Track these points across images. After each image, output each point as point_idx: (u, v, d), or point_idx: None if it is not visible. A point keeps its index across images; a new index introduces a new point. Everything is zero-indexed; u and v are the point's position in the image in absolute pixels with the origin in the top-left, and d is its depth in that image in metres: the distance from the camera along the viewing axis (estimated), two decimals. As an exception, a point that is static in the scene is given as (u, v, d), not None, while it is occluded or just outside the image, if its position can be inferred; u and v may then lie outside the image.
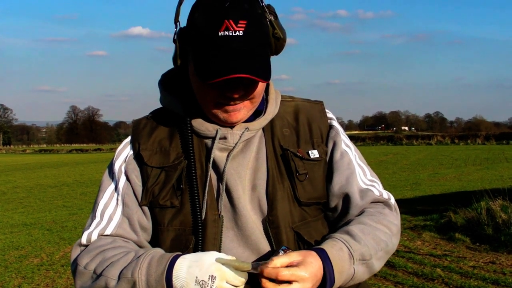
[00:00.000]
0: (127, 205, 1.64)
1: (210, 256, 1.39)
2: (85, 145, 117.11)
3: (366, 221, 1.61)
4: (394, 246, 1.66)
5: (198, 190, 1.60)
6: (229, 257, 1.40)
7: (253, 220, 1.61)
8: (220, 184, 1.62)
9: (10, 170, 34.49)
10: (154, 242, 1.66)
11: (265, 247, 1.61)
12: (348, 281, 1.51)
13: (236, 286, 1.37)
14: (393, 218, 1.69)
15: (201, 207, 1.59)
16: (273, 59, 1.65)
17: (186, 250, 1.55)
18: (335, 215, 1.72)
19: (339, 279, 1.47)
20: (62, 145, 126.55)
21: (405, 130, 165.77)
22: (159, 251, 1.50)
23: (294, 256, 1.44)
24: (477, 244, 8.59)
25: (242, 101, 1.60)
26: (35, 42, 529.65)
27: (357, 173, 1.72)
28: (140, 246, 1.65)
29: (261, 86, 1.62)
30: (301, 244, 1.62)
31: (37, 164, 40.45)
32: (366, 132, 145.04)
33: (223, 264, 1.38)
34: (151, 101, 1.74)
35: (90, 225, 1.65)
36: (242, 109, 1.61)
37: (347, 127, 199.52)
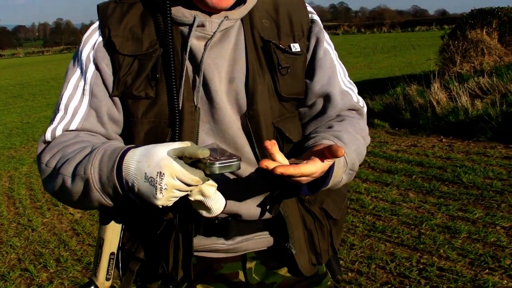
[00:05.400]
0: (95, 95, 1.52)
1: (161, 150, 1.26)
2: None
3: (350, 130, 1.56)
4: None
5: (175, 80, 1.49)
6: (183, 144, 1.28)
7: (229, 114, 1.53)
8: (197, 75, 1.51)
9: None
10: (128, 135, 1.56)
11: (243, 142, 1.54)
12: (332, 187, 1.48)
13: (188, 184, 1.26)
14: (366, 129, 1.67)
15: (178, 98, 1.49)
16: None
17: None
18: (311, 113, 1.66)
19: (331, 183, 1.43)
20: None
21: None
22: (112, 145, 1.38)
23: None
24: (396, 128, 8.86)
25: None
26: None
27: (338, 72, 1.67)
28: (109, 139, 1.54)
29: None
30: (281, 140, 1.57)
31: None
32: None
33: (176, 156, 1.26)
34: (55, 2, 1.56)
35: (53, 120, 1.54)
36: None
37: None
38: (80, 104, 1.53)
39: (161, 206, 1.27)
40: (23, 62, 53.48)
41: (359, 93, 1.72)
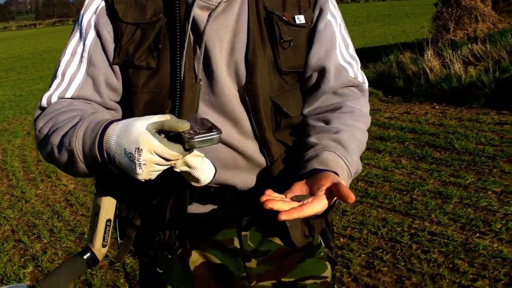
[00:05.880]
0: (93, 63, 1.49)
1: (140, 124, 1.23)
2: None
3: (349, 122, 1.51)
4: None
5: (179, 51, 1.45)
6: (163, 118, 1.24)
7: (228, 86, 1.49)
8: (198, 46, 1.48)
9: None
10: (128, 104, 1.54)
11: (242, 115, 1.50)
12: None
13: (167, 159, 1.23)
14: (367, 107, 1.63)
15: (180, 69, 1.46)
16: None
17: None
18: (306, 86, 1.62)
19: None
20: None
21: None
22: (97, 117, 1.36)
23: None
24: (389, 96, 8.87)
25: None
26: None
27: (338, 46, 1.60)
28: (107, 108, 1.53)
29: None
30: (278, 115, 1.54)
31: None
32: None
33: (156, 130, 1.23)
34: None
35: (51, 86, 1.52)
36: None
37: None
38: (77, 72, 1.50)
39: (143, 180, 1.25)
40: (15, 36, 53.15)
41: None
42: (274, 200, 1.19)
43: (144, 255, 1.71)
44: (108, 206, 1.58)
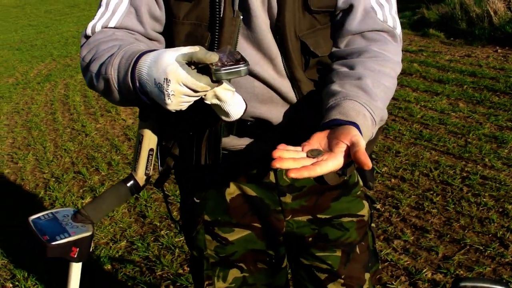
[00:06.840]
0: None
1: (169, 55, 1.26)
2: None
3: (373, 67, 1.46)
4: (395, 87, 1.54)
5: None
6: (192, 49, 1.26)
7: (264, 22, 1.50)
8: None
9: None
10: (169, 35, 1.57)
11: (276, 52, 1.51)
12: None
13: (195, 91, 1.25)
14: (397, 54, 1.55)
15: (220, 3, 1.47)
16: None
17: None
18: (335, 25, 1.58)
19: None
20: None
21: None
22: (133, 47, 1.40)
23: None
24: (451, 39, 8.64)
25: None
26: None
27: None
28: (150, 38, 1.57)
29: None
30: (306, 54, 1.53)
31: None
32: None
33: (186, 61, 1.24)
34: None
35: (95, 15, 1.57)
36: None
37: None
38: (121, 2, 1.54)
39: (174, 111, 1.29)
40: (79, -27, 53.52)
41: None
42: (283, 159, 1.17)
43: (183, 184, 1.77)
44: (151, 135, 1.63)
